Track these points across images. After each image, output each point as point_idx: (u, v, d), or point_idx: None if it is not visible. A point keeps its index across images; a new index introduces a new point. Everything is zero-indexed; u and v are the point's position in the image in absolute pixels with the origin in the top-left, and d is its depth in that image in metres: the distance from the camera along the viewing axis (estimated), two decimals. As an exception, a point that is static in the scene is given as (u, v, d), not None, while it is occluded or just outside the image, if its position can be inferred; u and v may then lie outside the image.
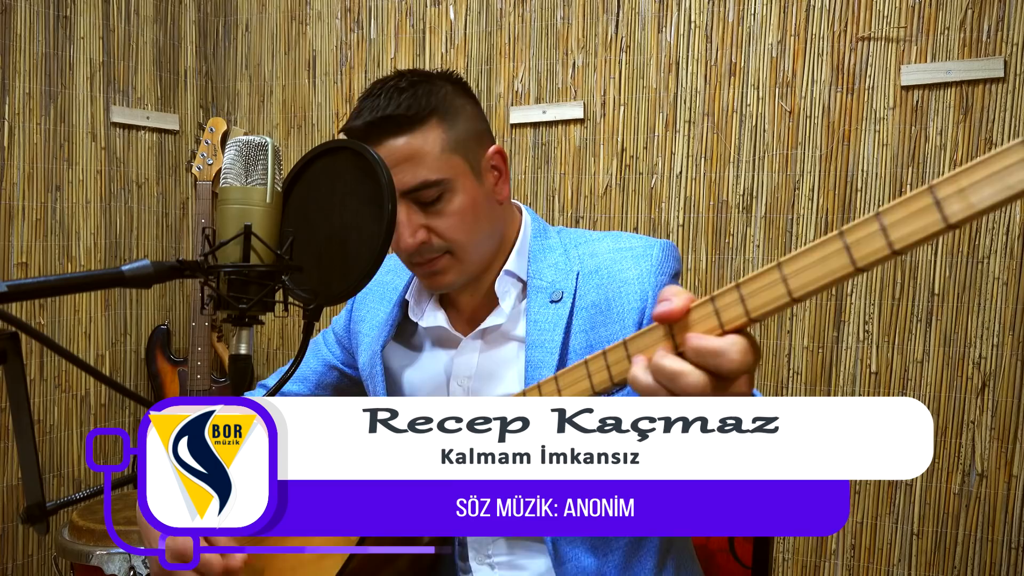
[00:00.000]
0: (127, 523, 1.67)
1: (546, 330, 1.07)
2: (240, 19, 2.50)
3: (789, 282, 0.64)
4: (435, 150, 1.04)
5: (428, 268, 1.07)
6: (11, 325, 0.57)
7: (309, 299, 0.83)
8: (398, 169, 1.01)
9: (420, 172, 1.02)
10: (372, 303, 1.24)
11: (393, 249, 1.07)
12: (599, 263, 1.10)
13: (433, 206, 1.04)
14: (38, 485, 0.60)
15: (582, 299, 1.08)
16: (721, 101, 2.01)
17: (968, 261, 1.83)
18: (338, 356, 1.29)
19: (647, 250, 1.09)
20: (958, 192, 0.57)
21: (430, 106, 1.04)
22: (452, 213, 1.04)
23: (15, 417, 0.61)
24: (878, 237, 0.60)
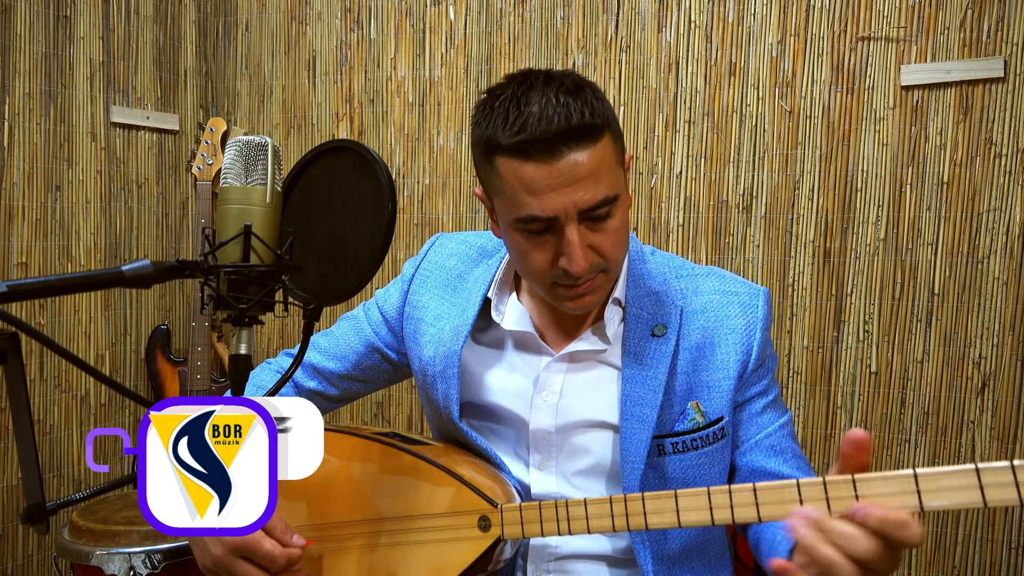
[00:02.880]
0: (127, 523, 1.67)
1: (648, 365, 1.03)
2: (240, 19, 2.50)
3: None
4: (611, 163, 0.96)
5: (584, 289, 0.99)
6: (11, 325, 0.57)
7: (309, 299, 0.83)
8: (579, 186, 0.92)
9: (601, 189, 0.93)
10: (434, 289, 1.18)
11: (536, 270, 0.99)
12: (705, 303, 1.06)
13: (600, 223, 0.96)
14: (38, 485, 0.60)
15: (686, 338, 1.04)
16: (721, 101, 2.01)
17: (968, 261, 1.83)
18: (383, 338, 1.22)
19: (752, 299, 1.07)
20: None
21: (604, 115, 0.95)
22: (614, 231, 0.97)
23: (15, 417, 0.61)
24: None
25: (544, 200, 0.92)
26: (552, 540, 1.07)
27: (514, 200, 0.95)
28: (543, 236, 0.96)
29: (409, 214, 2.32)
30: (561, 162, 0.91)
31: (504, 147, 0.94)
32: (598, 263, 0.97)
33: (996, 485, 0.68)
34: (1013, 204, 1.79)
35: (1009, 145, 1.78)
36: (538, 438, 1.08)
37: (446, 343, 1.11)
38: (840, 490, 0.73)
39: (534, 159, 0.92)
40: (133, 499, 1.84)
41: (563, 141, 0.91)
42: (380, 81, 2.35)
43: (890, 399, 1.91)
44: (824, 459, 1.96)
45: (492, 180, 0.98)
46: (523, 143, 0.92)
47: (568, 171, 0.91)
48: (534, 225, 0.95)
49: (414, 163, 2.32)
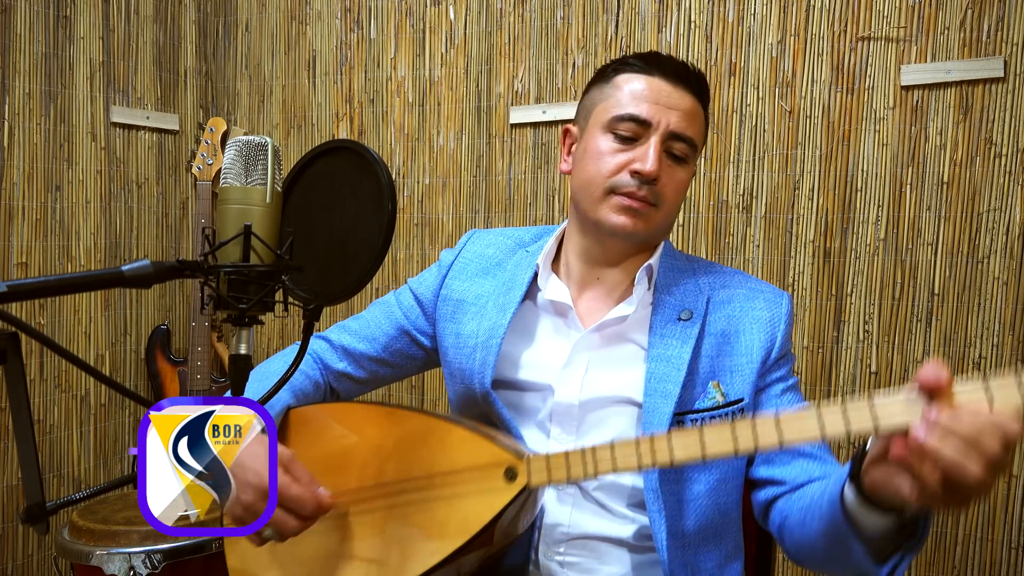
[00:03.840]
0: (127, 523, 1.67)
1: (673, 346, 1.07)
2: (240, 19, 2.50)
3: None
4: (703, 126, 1.12)
5: (637, 205, 1.07)
6: (11, 325, 0.57)
7: (309, 299, 0.84)
8: (678, 113, 1.07)
9: (692, 128, 1.09)
10: (473, 276, 1.22)
11: (604, 171, 1.08)
12: (731, 295, 1.13)
13: (674, 162, 1.09)
14: (38, 485, 0.60)
15: (712, 324, 1.09)
16: (721, 101, 2.01)
17: (968, 261, 1.83)
18: (414, 321, 1.25)
19: (778, 298, 1.13)
20: None
21: (709, 98, 1.15)
22: (680, 179, 1.10)
23: (15, 417, 0.61)
24: None
25: (648, 107, 1.07)
26: (564, 520, 1.08)
27: (620, 101, 1.09)
28: (626, 144, 1.08)
29: (409, 214, 2.32)
30: (676, 89, 1.08)
31: (633, 64, 1.10)
32: (658, 192, 1.07)
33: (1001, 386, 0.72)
34: (1013, 204, 1.79)
35: (1009, 145, 1.78)
36: (561, 411, 1.10)
37: (491, 316, 1.15)
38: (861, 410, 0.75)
39: (656, 75, 1.08)
40: (133, 499, 1.84)
41: (685, 76, 1.09)
42: (380, 81, 2.35)
43: (890, 399, 1.91)
44: (824, 459, 1.97)
45: (599, 95, 1.12)
46: (654, 62, 1.09)
47: (678, 97, 1.08)
48: (627, 125, 1.07)
49: (414, 163, 2.32)
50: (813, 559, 0.98)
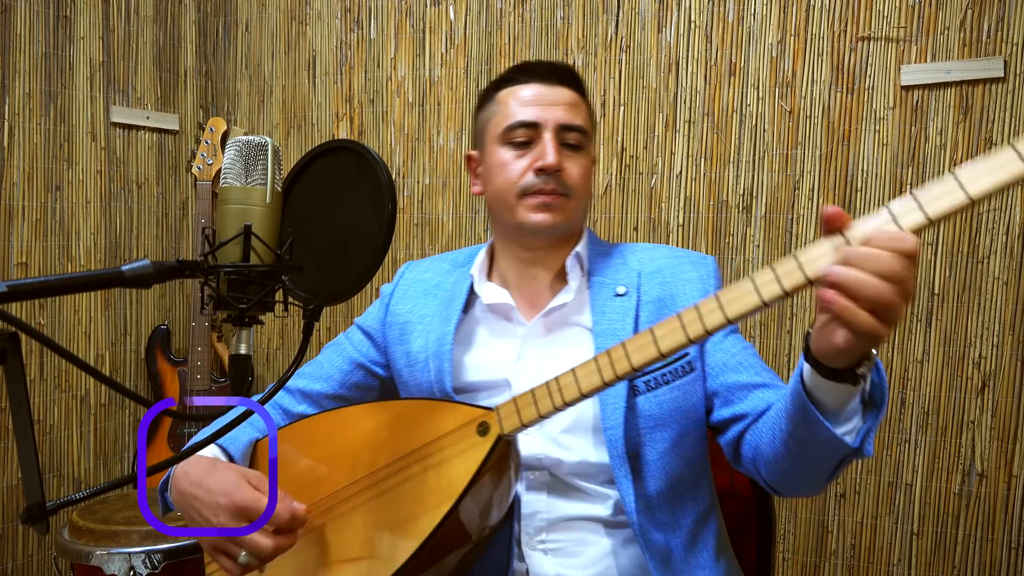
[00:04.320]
0: (127, 523, 1.67)
1: (615, 320, 1.13)
2: (240, 19, 2.50)
3: (967, 188, 0.76)
4: (586, 115, 1.20)
5: (549, 199, 1.13)
6: (11, 325, 0.57)
7: (309, 299, 0.84)
8: (562, 108, 1.15)
9: (578, 117, 1.16)
10: (415, 298, 1.26)
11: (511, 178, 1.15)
12: (660, 265, 1.19)
13: (571, 151, 1.16)
14: (38, 485, 0.60)
15: (646, 294, 1.15)
16: (721, 101, 2.01)
17: (968, 261, 1.83)
18: (366, 353, 1.28)
19: (702, 260, 1.20)
20: None
21: (587, 91, 1.22)
22: (582, 165, 1.17)
23: (15, 417, 0.61)
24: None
25: (532, 110, 1.15)
26: (541, 507, 1.10)
27: (507, 113, 1.17)
28: (523, 148, 1.15)
29: (409, 214, 2.32)
30: (552, 89, 1.16)
31: (508, 78, 1.19)
32: (565, 181, 1.14)
33: (905, 213, 0.76)
34: (1013, 204, 1.79)
35: (1009, 145, 1.78)
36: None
37: (436, 330, 1.19)
38: (785, 264, 0.79)
39: (531, 82, 1.17)
40: (133, 499, 1.84)
41: (558, 75, 1.17)
42: (380, 81, 2.35)
43: (890, 399, 1.91)
44: (824, 459, 1.97)
45: (488, 115, 1.20)
46: (526, 70, 1.18)
47: (557, 96, 1.16)
48: (519, 132, 1.15)
49: (414, 163, 2.32)
50: (793, 473, 0.98)
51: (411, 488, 0.98)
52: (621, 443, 1.07)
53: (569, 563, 1.08)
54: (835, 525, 1.97)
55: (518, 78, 1.18)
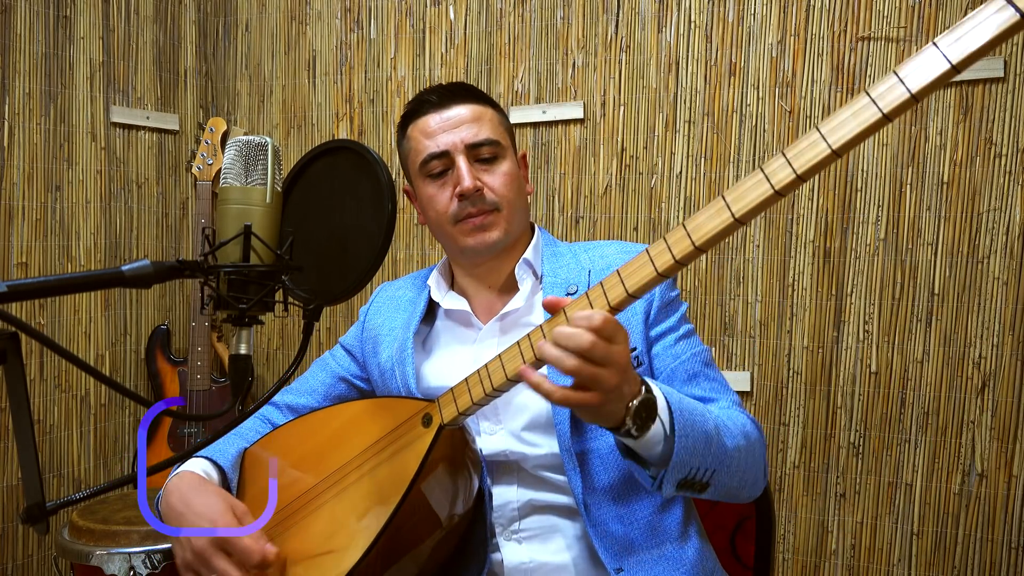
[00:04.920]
0: (127, 523, 1.67)
1: None
2: (240, 19, 2.50)
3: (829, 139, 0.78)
4: (494, 121, 1.22)
5: (480, 220, 1.17)
6: (11, 325, 0.57)
7: (309, 299, 0.84)
8: (466, 127, 1.18)
9: (484, 131, 1.19)
10: (387, 312, 1.32)
11: (440, 209, 1.19)
12: (609, 262, 1.21)
13: (488, 164, 1.19)
14: (38, 485, 0.60)
15: None
16: (721, 101, 2.01)
17: (968, 261, 1.83)
18: (347, 368, 1.34)
19: None
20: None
21: (490, 100, 1.25)
22: (503, 173, 1.19)
23: (15, 417, 0.61)
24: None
25: (437, 139, 1.18)
26: (512, 497, 1.14)
27: (418, 150, 1.20)
28: (442, 177, 1.19)
29: (409, 214, 2.32)
30: (449, 110, 1.19)
31: (410, 114, 1.23)
32: (490, 198, 1.17)
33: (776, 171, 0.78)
34: (1013, 204, 1.79)
35: (1009, 145, 1.78)
36: (483, 407, 1.14)
37: (399, 338, 1.26)
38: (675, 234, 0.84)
39: (428, 111, 1.20)
40: (133, 499, 1.84)
41: (450, 95, 1.20)
42: (380, 81, 2.35)
43: (890, 399, 1.91)
44: (824, 459, 1.97)
45: (405, 151, 1.24)
46: (422, 101, 1.22)
47: (455, 116, 1.19)
48: (433, 164, 1.18)
49: (414, 163, 2.32)
50: None
51: (367, 483, 1.04)
52: (568, 438, 1.11)
53: (543, 549, 1.12)
54: (835, 525, 1.97)
55: (419, 110, 1.21)
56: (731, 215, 0.80)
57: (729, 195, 0.81)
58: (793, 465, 1.99)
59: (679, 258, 0.82)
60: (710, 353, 1.19)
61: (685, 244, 0.82)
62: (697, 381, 1.14)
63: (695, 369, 1.15)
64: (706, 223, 0.81)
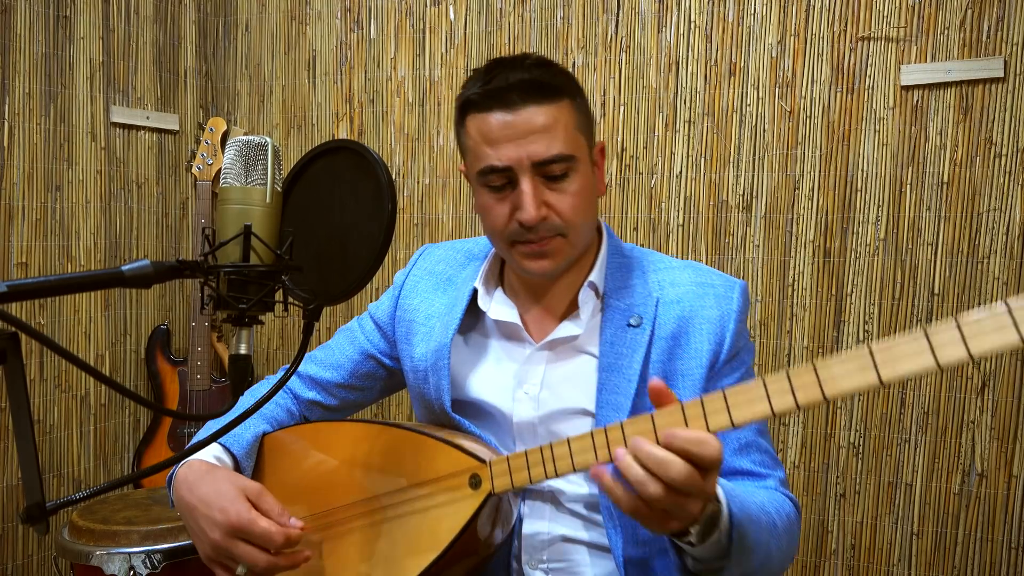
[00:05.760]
0: (127, 523, 1.67)
1: (624, 355, 1.05)
2: (240, 19, 2.50)
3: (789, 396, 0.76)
4: (569, 126, 1.02)
5: (539, 247, 1.04)
6: (11, 325, 0.57)
7: (309, 299, 0.83)
8: (533, 138, 1.00)
9: (555, 144, 1.01)
10: (425, 292, 1.20)
11: (497, 226, 1.05)
12: (680, 294, 1.09)
13: (557, 182, 1.02)
14: (38, 485, 0.60)
15: (661, 328, 1.06)
16: (721, 101, 2.01)
17: (968, 261, 1.83)
18: (377, 344, 1.24)
19: (728, 291, 1.09)
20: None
21: (565, 84, 1.03)
22: (573, 193, 1.03)
23: (15, 417, 0.61)
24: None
25: (501, 150, 1.01)
26: (543, 528, 1.08)
27: (477, 154, 1.04)
28: (503, 191, 1.04)
29: (409, 214, 2.32)
30: (518, 114, 1.00)
31: (471, 101, 1.04)
32: (555, 223, 1.03)
33: (945, 344, 0.69)
34: (1013, 204, 1.79)
35: (1009, 145, 1.78)
36: (522, 430, 1.10)
37: (436, 338, 1.14)
38: (802, 376, 0.76)
39: (494, 110, 1.01)
40: (133, 499, 1.84)
41: (520, 93, 1.00)
42: (380, 81, 2.35)
43: (890, 399, 1.91)
44: (824, 459, 1.97)
45: (464, 142, 1.08)
46: (485, 94, 1.02)
47: (524, 123, 1.00)
48: (493, 177, 1.03)
49: (414, 163, 2.32)
50: None
51: (403, 526, 0.99)
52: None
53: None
54: (835, 525, 1.97)
55: (481, 104, 1.03)
56: (877, 378, 0.72)
57: (879, 352, 0.72)
58: (793, 465, 2.00)
59: (802, 404, 0.76)
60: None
61: (814, 393, 0.75)
62: (748, 453, 1.06)
63: (748, 439, 1.06)
64: (844, 378, 0.73)
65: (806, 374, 0.75)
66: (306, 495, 1.08)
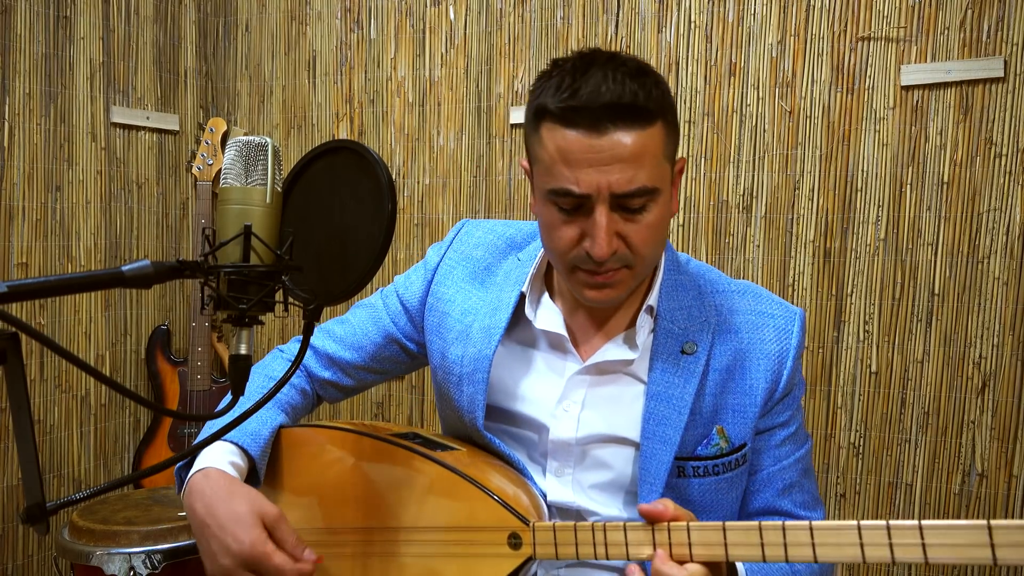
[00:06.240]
0: (127, 523, 1.67)
1: (675, 384, 1.00)
2: (240, 19, 2.50)
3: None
4: (657, 154, 0.92)
5: (604, 279, 0.96)
6: (11, 325, 0.57)
7: (309, 299, 0.83)
8: (617, 167, 0.89)
9: (640, 176, 0.90)
10: (460, 282, 1.13)
11: (561, 247, 0.96)
12: (738, 323, 1.03)
13: (634, 214, 0.93)
14: (38, 485, 0.60)
15: (717, 359, 1.02)
16: (721, 101, 2.01)
17: (968, 261, 1.83)
18: (403, 328, 1.18)
19: (788, 323, 1.05)
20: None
21: (660, 103, 0.92)
22: (648, 225, 0.94)
23: (15, 417, 0.61)
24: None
25: (580, 174, 0.90)
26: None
27: (551, 170, 0.93)
28: (573, 214, 0.94)
29: (409, 214, 2.32)
30: (604, 138, 0.89)
31: (551, 112, 0.92)
32: (624, 255, 0.95)
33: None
34: (1013, 204, 1.79)
35: (1009, 145, 1.78)
36: (557, 447, 1.06)
37: (476, 344, 1.07)
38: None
39: (578, 128, 0.90)
40: (133, 499, 1.84)
41: (610, 116, 0.89)
42: (380, 81, 2.35)
43: (890, 399, 1.91)
44: (824, 459, 1.96)
45: (535, 147, 0.97)
46: (570, 109, 0.90)
47: (609, 149, 0.89)
48: (566, 200, 0.93)
49: (414, 163, 2.32)
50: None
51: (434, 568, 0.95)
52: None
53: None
54: (835, 525, 1.97)
55: (563, 114, 0.91)
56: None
57: (867, 531, 0.75)
58: (793, 465, 2.00)
59: (792, 557, 0.77)
60: (810, 451, 1.09)
61: (806, 553, 0.77)
62: (791, 494, 1.04)
63: (792, 479, 1.04)
64: (835, 551, 0.76)
65: (801, 533, 0.78)
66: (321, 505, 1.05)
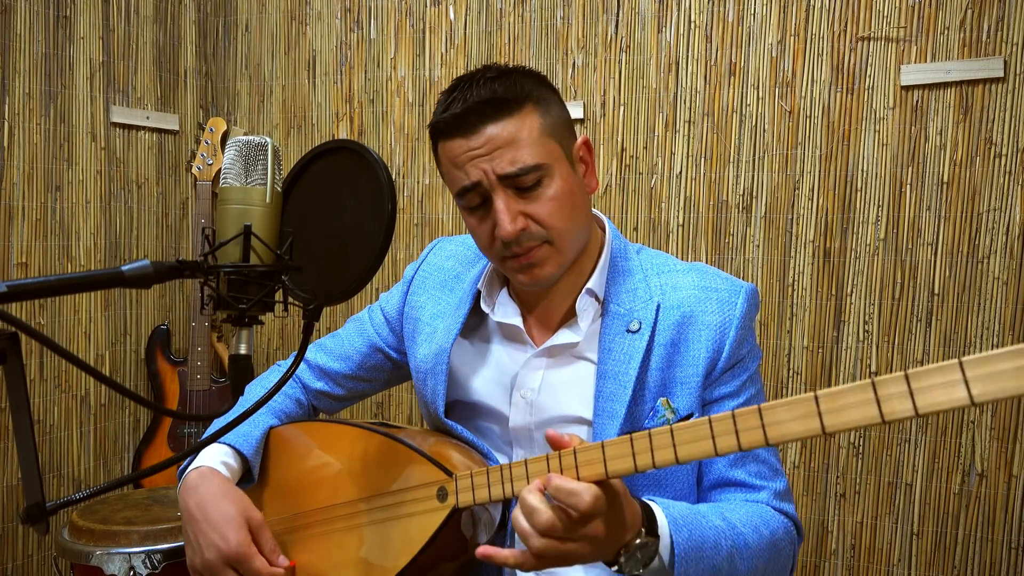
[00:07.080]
0: (127, 523, 1.67)
1: (621, 361, 1.04)
2: (240, 19, 2.50)
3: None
4: (533, 134, 1.01)
5: (526, 259, 1.02)
6: (11, 325, 0.57)
7: (309, 299, 0.83)
8: (497, 155, 0.99)
9: (520, 156, 0.99)
10: (432, 290, 1.21)
11: (484, 245, 1.06)
12: (681, 299, 1.07)
13: (531, 191, 1.01)
14: (38, 485, 0.60)
15: (661, 334, 1.05)
16: (721, 101, 2.01)
17: (968, 261, 1.83)
18: (385, 338, 1.26)
19: (732, 296, 1.07)
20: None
21: (525, 91, 1.02)
22: (550, 199, 1.01)
23: (15, 417, 0.61)
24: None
25: (466, 169, 1.00)
26: None
27: (449, 177, 1.04)
28: (482, 210, 1.03)
29: (409, 214, 2.32)
30: (478, 135, 1.00)
31: (436, 129, 1.04)
32: (536, 232, 1.01)
33: (892, 397, 0.70)
34: (1013, 204, 1.79)
35: (1009, 145, 1.78)
36: (519, 434, 1.11)
37: (438, 340, 1.14)
38: (748, 421, 0.76)
39: (455, 135, 1.01)
40: (133, 499, 1.84)
41: (477, 115, 1.00)
42: (380, 81, 2.35)
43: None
44: (824, 459, 1.97)
45: (439, 167, 1.08)
46: (445, 122, 1.02)
47: (486, 143, 0.99)
48: (469, 197, 1.02)
49: (414, 163, 2.32)
50: None
51: (377, 533, 1.02)
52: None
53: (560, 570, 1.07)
54: (835, 525, 1.97)
55: (444, 129, 1.03)
56: (820, 427, 0.71)
57: (825, 402, 0.71)
58: (793, 465, 2.00)
59: (745, 446, 0.75)
60: None
61: (757, 437, 0.75)
62: (744, 463, 1.05)
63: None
64: (788, 424, 0.73)
65: (750, 417, 0.75)
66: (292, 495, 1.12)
